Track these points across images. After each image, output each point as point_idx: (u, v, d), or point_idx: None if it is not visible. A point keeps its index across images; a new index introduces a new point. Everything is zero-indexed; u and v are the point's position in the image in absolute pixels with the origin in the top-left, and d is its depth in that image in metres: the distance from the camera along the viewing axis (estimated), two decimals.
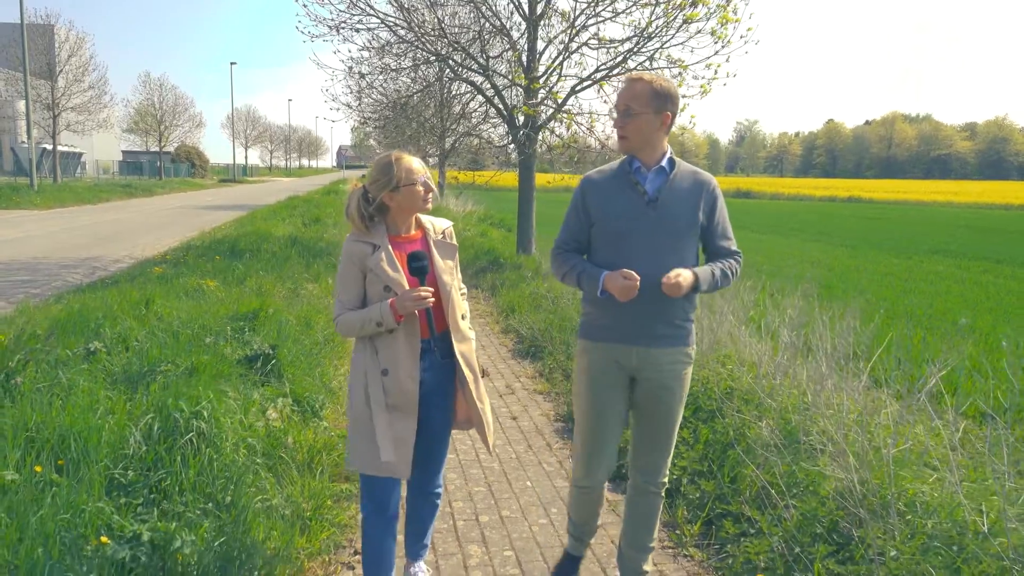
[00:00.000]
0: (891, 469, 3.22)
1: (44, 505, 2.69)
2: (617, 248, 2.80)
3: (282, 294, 8.42)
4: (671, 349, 2.86)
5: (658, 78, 2.78)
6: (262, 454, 3.71)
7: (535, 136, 12.65)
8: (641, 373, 2.87)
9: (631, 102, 2.74)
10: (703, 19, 11.11)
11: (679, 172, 2.84)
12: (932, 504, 3.09)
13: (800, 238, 26.80)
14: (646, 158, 2.82)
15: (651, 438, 2.95)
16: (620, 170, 2.88)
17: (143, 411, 3.65)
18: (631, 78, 2.80)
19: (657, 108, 2.73)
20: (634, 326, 2.82)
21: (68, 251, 14.58)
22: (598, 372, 2.90)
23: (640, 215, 2.79)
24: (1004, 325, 10.26)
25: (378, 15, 12.30)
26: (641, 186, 2.80)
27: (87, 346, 4.86)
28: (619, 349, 2.86)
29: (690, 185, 2.83)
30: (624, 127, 2.77)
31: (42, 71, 38.74)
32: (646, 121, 2.74)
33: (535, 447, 4.95)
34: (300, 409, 4.65)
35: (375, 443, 2.71)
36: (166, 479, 3.21)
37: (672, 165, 2.83)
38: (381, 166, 2.77)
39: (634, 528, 3.06)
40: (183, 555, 2.67)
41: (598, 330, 2.91)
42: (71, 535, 2.58)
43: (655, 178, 2.82)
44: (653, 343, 2.83)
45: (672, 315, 2.84)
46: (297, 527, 3.33)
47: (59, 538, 2.56)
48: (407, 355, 2.76)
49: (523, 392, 6.18)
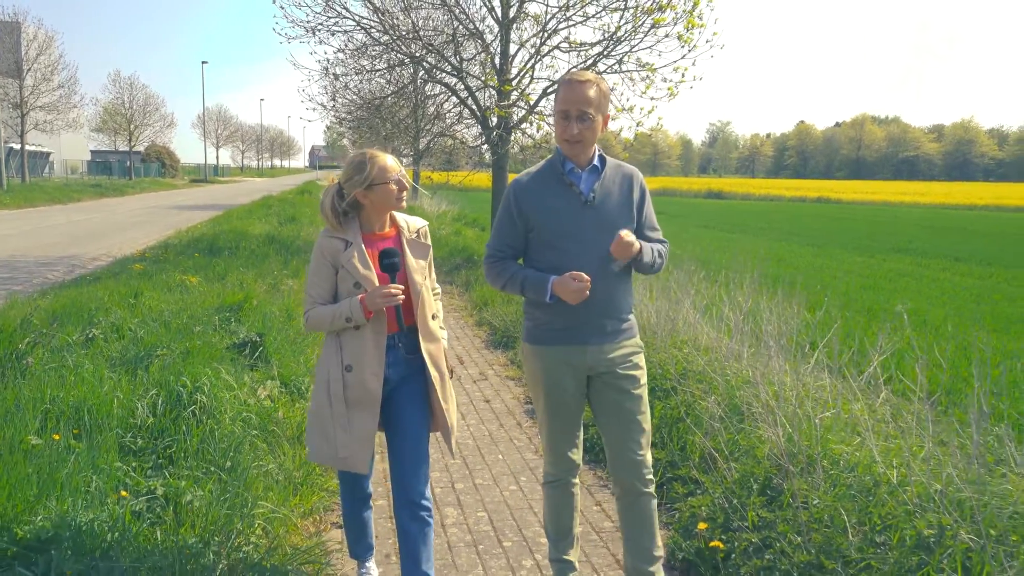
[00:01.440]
0: (819, 433, 3.65)
1: (67, 465, 3.02)
2: (558, 251, 2.77)
3: (263, 289, 8.74)
4: (622, 342, 2.88)
5: (597, 77, 2.76)
6: (257, 427, 4.07)
7: (507, 137, 13.02)
8: (597, 371, 2.86)
9: (586, 107, 2.69)
10: (670, 23, 11.51)
11: (608, 169, 2.85)
12: (852, 462, 3.53)
13: (768, 237, 27.33)
14: (581, 159, 2.81)
15: (625, 433, 2.88)
16: (551, 171, 2.83)
17: (146, 388, 3.99)
18: (577, 80, 2.71)
19: (604, 109, 2.75)
20: (585, 326, 2.80)
21: (45, 250, 14.73)
22: (551, 376, 2.87)
23: (578, 216, 2.77)
24: (954, 318, 10.83)
25: (353, 17, 12.61)
26: (576, 187, 2.79)
27: (85, 333, 5.18)
28: (571, 350, 2.83)
29: (620, 181, 2.85)
30: (582, 132, 2.71)
31: (10, 70, 38.42)
32: (598, 124, 2.74)
33: (506, 426, 5.34)
34: (287, 390, 5.01)
35: (331, 437, 2.75)
36: (172, 446, 3.57)
37: (603, 163, 2.84)
38: (355, 164, 2.78)
39: (634, 536, 2.94)
40: (192, 507, 3.02)
41: (547, 334, 2.87)
42: (94, 490, 2.92)
43: (588, 177, 2.81)
44: (605, 339, 2.83)
45: (619, 310, 2.86)
46: (290, 490, 3.69)
47: (83, 492, 2.90)
48: (372, 352, 2.76)
49: (496, 378, 6.57)
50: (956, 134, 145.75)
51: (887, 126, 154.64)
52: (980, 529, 2.80)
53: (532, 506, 4.03)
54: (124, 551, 2.60)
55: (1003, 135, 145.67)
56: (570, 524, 3.06)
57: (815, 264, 18.63)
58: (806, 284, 13.65)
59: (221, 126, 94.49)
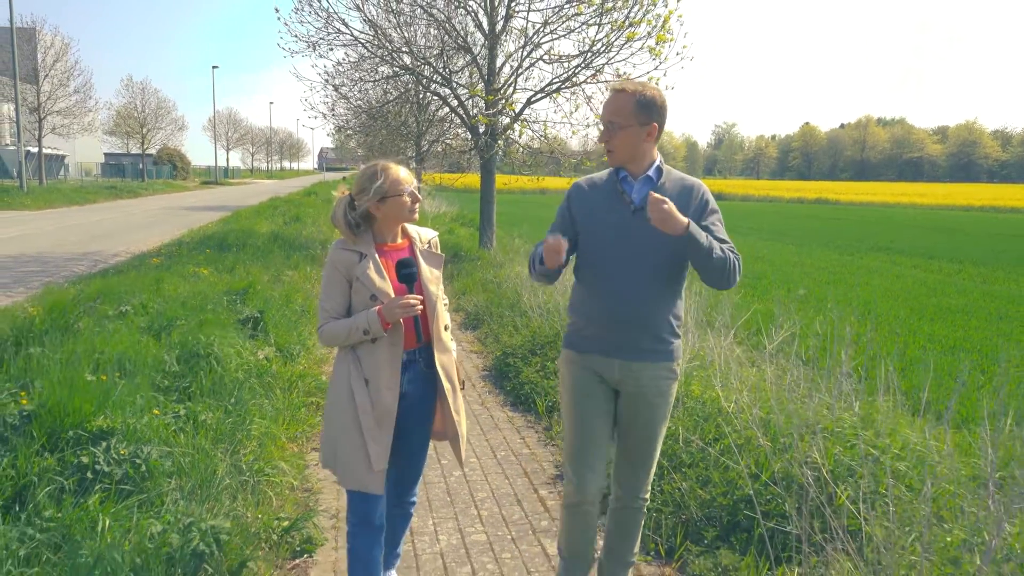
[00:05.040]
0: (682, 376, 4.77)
1: (116, 392, 4.15)
2: (604, 257, 2.76)
3: (266, 279, 9.89)
4: (655, 364, 2.79)
5: (643, 87, 2.70)
6: (256, 376, 5.20)
7: (493, 143, 14.10)
8: (623, 387, 2.82)
9: (614, 116, 2.68)
10: (644, 37, 12.49)
11: (667, 180, 2.78)
12: (706, 399, 4.63)
13: (755, 237, 28.10)
14: (634, 168, 2.77)
15: (632, 454, 2.90)
16: (608, 179, 2.84)
17: (170, 346, 5.14)
18: (615, 88, 2.72)
19: (642, 120, 2.67)
20: (618, 338, 2.77)
21: (68, 247, 15.95)
22: (580, 385, 2.86)
23: (626, 224, 2.73)
24: (903, 308, 11.87)
25: (352, 32, 13.71)
26: (627, 195, 2.76)
27: (119, 309, 6.35)
28: (600, 361, 2.81)
29: (678, 192, 2.74)
30: (610, 140, 2.72)
31: (27, 75, 39.75)
32: (632, 133, 2.68)
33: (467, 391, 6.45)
34: (282, 354, 6.16)
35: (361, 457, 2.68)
36: (191, 386, 4.72)
37: (659, 174, 2.77)
38: (368, 175, 2.74)
39: (614, 541, 3.04)
40: (207, 423, 4.16)
41: (582, 340, 2.86)
42: (136, 407, 4.06)
43: (641, 187, 2.76)
44: (636, 356, 2.77)
45: (658, 329, 2.77)
46: (280, 420, 4.82)
47: (128, 406, 4.04)
48: (388, 366, 2.71)
49: (463, 352, 7.70)
50: (960, 136, 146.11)
51: (891, 127, 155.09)
52: (772, 437, 3.91)
53: (501, 466, 5.13)
54: (157, 443, 3.73)
55: (1007, 136, 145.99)
56: (585, 548, 3.01)
57: (792, 261, 19.32)
58: (775, 279, 14.71)
59: (231, 129, 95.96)
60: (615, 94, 2.70)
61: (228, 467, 3.86)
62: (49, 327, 5.42)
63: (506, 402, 6.07)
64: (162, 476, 3.49)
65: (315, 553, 3.52)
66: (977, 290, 14.43)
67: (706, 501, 3.75)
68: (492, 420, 5.61)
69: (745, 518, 3.53)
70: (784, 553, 3.31)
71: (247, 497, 3.69)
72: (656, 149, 2.78)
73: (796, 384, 4.70)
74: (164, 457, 3.59)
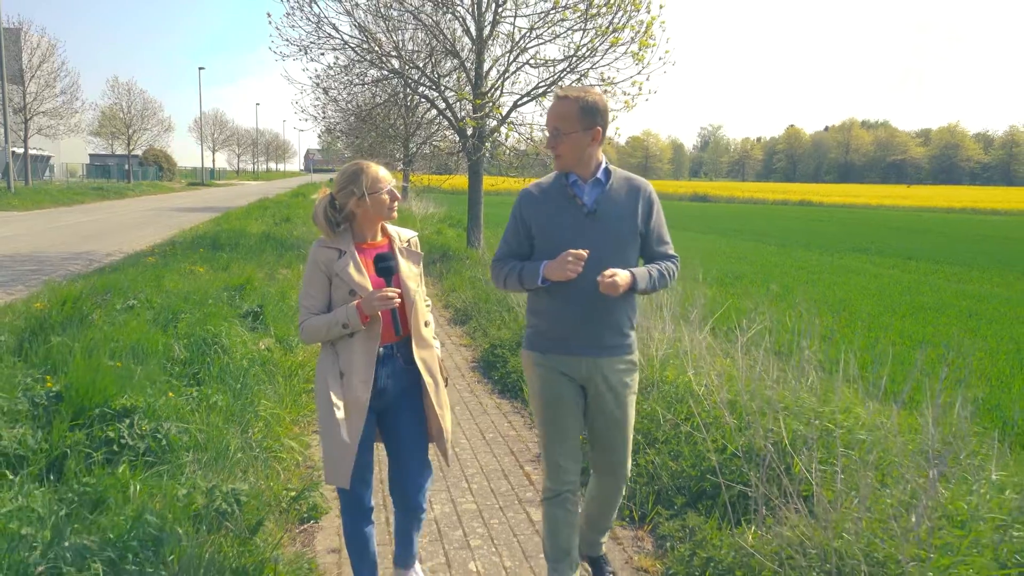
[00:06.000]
0: (658, 363, 5.14)
1: (135, 376, 4.49)
2: None
3: (261, 277, 10.21)
4: (618, 358, 2.91)
5: (585, 92, 2.77)
6: (259, 364, 5.55)
7: (481, 145, 14.45)
8: (591, 382, 2.91)
9: (559, 122, 2.76)
10: (627, 43, 12.86)
11: (615, 181, 2.87)
12: (679, 384, 5.01)
13: (737, 238, 28.40)
14: (582, 171, 2.84)
15: (608, 443, 3.01)
16: (557, 183, 2.90)
17: (178, 336, 5.48)
18: (557, 96, 2.80)
19: (586, 125, 2.75)
20: (583, 337, 2.86)
21: (61, 247, 16.17)
22: (549, 386, 2.92)
23: (580, 227, 2.81)
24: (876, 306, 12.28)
25: (342, 36, 14.03)
26: (579, 199, 2.83)
27: (126, 303, 6.67)
28: (566, 360, 2.89)
29: (627, 193, 2.86)
30: (556, 146, 2.79)
31: (13, 76, 39.70)
32: (576, 139, 2.76)
33: (453, 379, 6.81)
34: (281, 345, 6.50)
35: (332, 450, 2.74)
36: (200, 372, 5.06)
37: (608, 175, 2.86)
38: (348, 174, 2.79)
39: (593, 508, 3.19)
40: (218, 405, 4.50)
41: (545, 342, 2.93)
42: (154, 389, 4.40)
43: (592, 190, 2.84)
44: (601, 352, 2.87)
45: (619, 325, 2.89)
46: (284, 404, 5.17)
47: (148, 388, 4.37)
48: (363, 358, 2.75)
49: (452, 346, 8.06)
50: (942, 138, 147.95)
51: (875, 130, 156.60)
52: (738, 415, 4.30)
53: (483, 436, 5.49)
54: (175, 420, 4.08)
55: (988, 139, 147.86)
56: (569, 544, 3.01)
57: (772, 261, 19.62)
58: (755, 278, 15.10)
59: (217, 130, 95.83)
60: (558, 101, 2.78)
61: (240, 443, 4.21)
62: (65, 319, 5.75)
63: (494, 390, 6.43)
64: (181, 449, 3.84)
65: (320, 519, 3.88)
66: (951, 289, 14.79)
67: (676, 472, 4.14)
68: (481, 406, 5.97)
69: (711, 486, 3.91)
70: (745, 516, 3.69)
71: (258, 469, 4.04)
72: (601, 151, 2.88)
73: (766, 372, 5.09)
74: (182, 433, 3.94)
